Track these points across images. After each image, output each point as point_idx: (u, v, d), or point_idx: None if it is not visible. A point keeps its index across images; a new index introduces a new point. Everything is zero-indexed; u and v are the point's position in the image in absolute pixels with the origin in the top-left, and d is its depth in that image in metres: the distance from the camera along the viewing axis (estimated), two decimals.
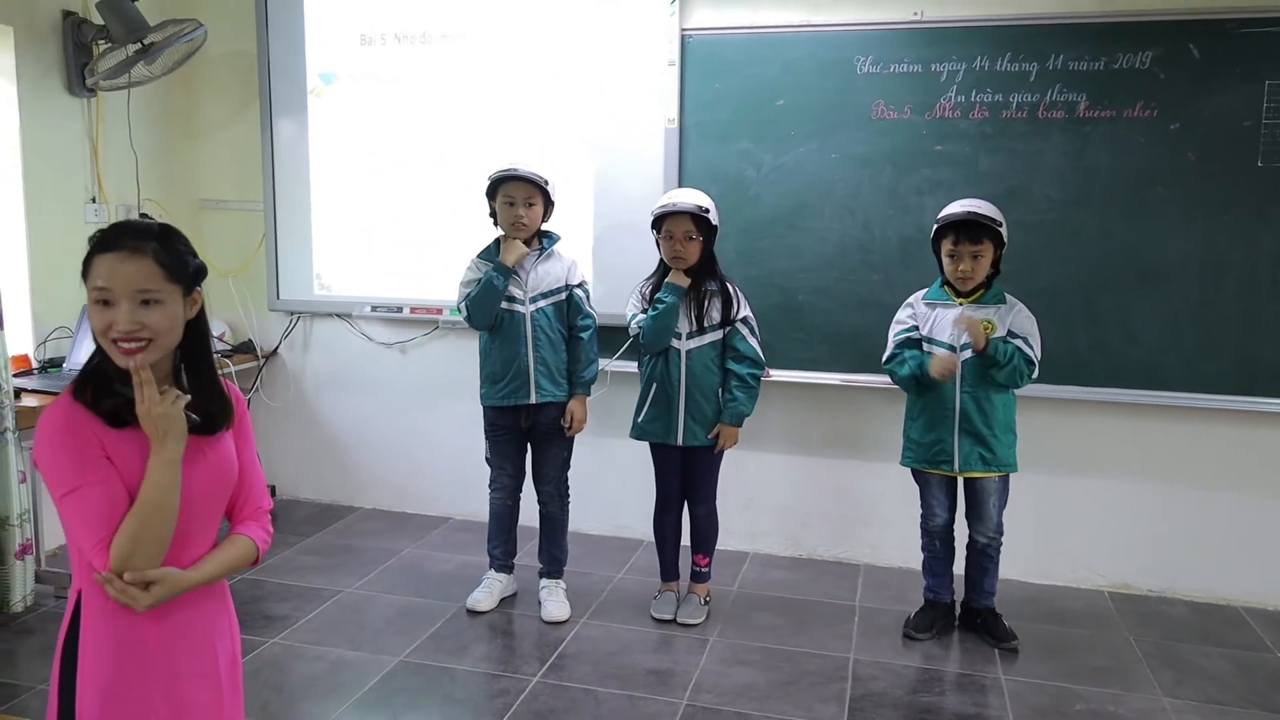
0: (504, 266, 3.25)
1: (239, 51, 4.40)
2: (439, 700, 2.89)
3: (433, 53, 4.15)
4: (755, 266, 3.83)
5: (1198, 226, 3.51)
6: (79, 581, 1.51)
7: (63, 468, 1.43)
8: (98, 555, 1.43)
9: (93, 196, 4.07)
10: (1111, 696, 2.98)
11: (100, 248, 1.49)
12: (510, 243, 3.28)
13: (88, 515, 1.43)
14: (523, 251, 3.28)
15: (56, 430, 1.45)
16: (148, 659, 1.53)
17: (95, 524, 1.43)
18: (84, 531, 1.44)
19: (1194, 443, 3.69)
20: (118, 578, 1.44)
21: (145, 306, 1.48)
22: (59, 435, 1.45)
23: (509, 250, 3.27)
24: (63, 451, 1.44)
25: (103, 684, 1.50)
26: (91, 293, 1.48)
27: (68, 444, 1.44)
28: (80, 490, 1.43)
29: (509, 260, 3.25)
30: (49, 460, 1.45)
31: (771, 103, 3.80)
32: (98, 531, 1.43)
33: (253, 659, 3.06)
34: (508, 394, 3.32)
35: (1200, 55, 3.44)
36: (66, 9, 3.89)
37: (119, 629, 1.50)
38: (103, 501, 1.44)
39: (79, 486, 1.43)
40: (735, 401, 3.30)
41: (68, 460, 1.43)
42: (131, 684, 1.52)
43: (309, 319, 4.53)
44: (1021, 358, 3.13)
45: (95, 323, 1.48)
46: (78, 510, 1.44)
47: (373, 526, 4.35)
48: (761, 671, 3.09)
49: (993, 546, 3.32)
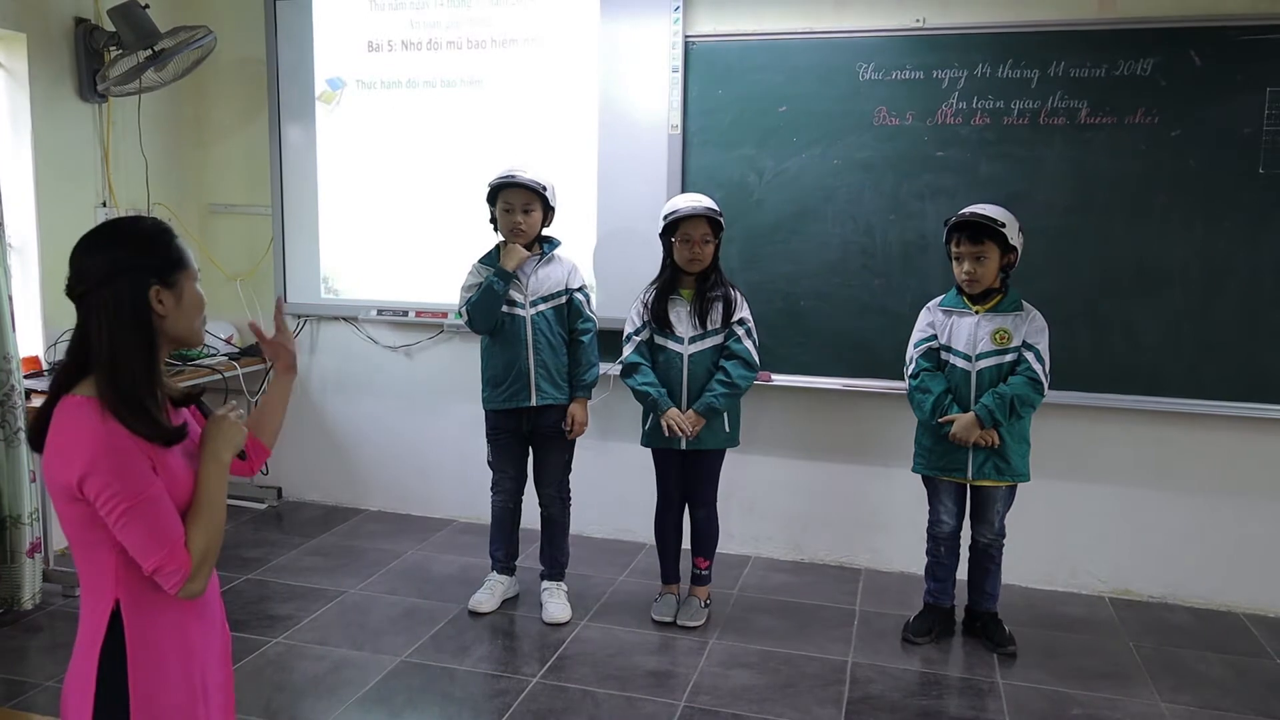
0: (504, 271, 3.28)
1: (248, 58, 4.45)
2: (438, 700, 2.92)
3: (440, 60, 4.20)
4: (757, 271, 3.86)
5: (1199, 233, 3.52)
6: (115, 590, 1.50)
7: (125, 483, 1.44)
8: (174, 557, 1.47)
9: (103, 201, 4.12)
10: (1109, 702, 2.98)
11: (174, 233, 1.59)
12: (510, 248, 3.31)
13: (162, 523, 1.47)
14: (523, 256, 3.31)
15: (106, 448, 1.44)
16: (191, 655, 1.58)
17: (169, 528, 1.48)
18: (156, 539, 1.46)
19: (1197, 449, 3.69)
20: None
21: None
22: (110, 453, 1.44)
23: (509, 255, 3.30)
24: (120, 468, 1.44)
25: (156, 683, 1.52)
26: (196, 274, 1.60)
27: (123, 460, 1.44)
28: (148, 502, 1.45)
29: (509, 265, 3.28)
30: (106, 476, 1.43)
31: (774, 109, 3.82)
32: (172, 534, 1.48)
33: (256, 658, 3.10)
34: (508, 397, 3.35)
35: (1201, 62, 3.45)
36: (79, 16, 3.95)
37: (168, 631, 1.54)
38: (169, 510, 1.49)
39: (147, 499, 1.45)
40: (711, 393, 3.29)
41: (128, 476, 1.44)
42: (180, 678, 1.56)
43: (316, 322, 4.58)
44: (1026, 389, 3.10)
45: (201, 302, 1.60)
46: (149, 520, 1.45)
47: (377, 529, 4.38)
48: (760, 674, 3.10)
49: (994, 547, 3.32)
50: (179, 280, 1.54)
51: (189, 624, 1.58)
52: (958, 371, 3.21)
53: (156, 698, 1.52)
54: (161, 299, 1.51)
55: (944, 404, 3.20)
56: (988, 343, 3.17)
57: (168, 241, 1.55)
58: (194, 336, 1.60)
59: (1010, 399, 3.11)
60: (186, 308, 1.56)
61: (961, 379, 3.20)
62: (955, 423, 3.16)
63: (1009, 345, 3.16)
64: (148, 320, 1.51)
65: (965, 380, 3.19)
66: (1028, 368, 3.13)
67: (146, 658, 1.52)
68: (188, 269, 1.56)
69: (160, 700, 1.53)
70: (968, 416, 3.15)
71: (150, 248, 1.53)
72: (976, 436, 3.15)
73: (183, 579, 1.48)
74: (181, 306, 1.55)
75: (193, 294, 1.57)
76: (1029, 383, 3.12)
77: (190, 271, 1.57)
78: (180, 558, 1.48)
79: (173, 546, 1.47)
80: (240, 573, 3.81)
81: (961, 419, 3.16)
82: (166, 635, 1.55)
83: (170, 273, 1.53)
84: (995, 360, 3.17)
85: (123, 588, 1.51)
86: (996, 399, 3.12)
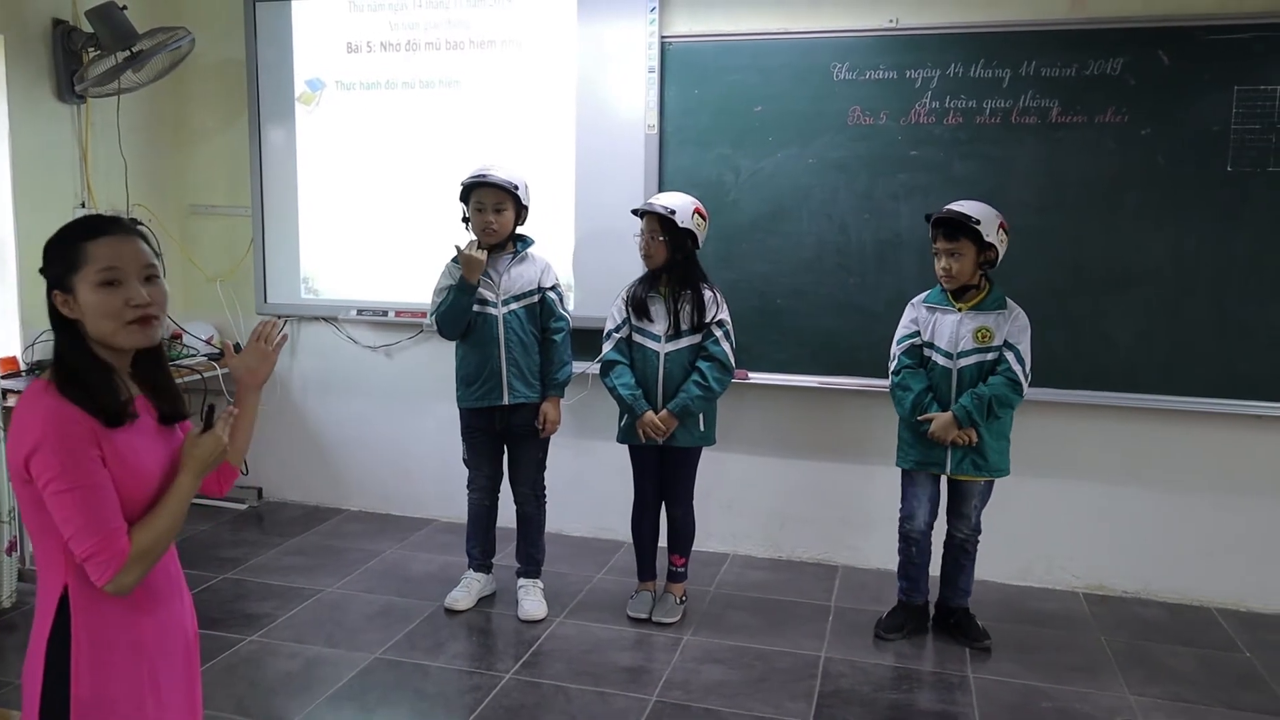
0: (466, 284, 3.27)
1: (228, 59, 4.47)
2: (410, 696, 2.93)
3: (419, 61, 4.21)
4: (734, 270, 3.88)
5: (1169, 230, 3.55)
6: (64, 577, 1.51)
7: (66, 464, 1.44)
8: (108, 547, 1.46)
9: (82, 201, 4.13)
10: (1078, 695, 3.00)
11: (93, 232, 1.53)
12: (468, 258, 3.25)
13: (100, 512, 1.46)
14: (480, 263, 3.26)
15: (53, 427, 1.45)
16: (140, 649, 1.57)
17: (107, 518, 1.47)
18: (92, 526, 1.46)
19: (1171, 445, 3.72)
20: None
21: (149, 282, 1.56)
22: (56, 432, 1.45)
23: (469, 267, 3.25)
24: (64, 449, 1.45)
25: (99, 674, 1.52)
26: (96, 275, 1.50)
27: (68, 442, 1.45)
28: (88, 488, 1.45)
29: (470, 277, 3.26)
30: (49, 455, 1.44)
31: (750, 109, 3.85)
32: (110, 524, 1.47)
33: (229, 655, 3.11)
34: (481, 396, 3.36)
35: (1170, 62, 3.48)
36: (57, 17, 3.96)
37: (116, 623, 1.54)
38: (110, 500, 1.48)
39: (88, 485, 1.45)
40: (686, 394, 3.30)
41: (71, 457, 1.45)
42: (126, 672, 1.55)
43: (296, 322, 4.59)
44: (1005, 390, 3.13)
45: (105, 306, 1.50)
46: (88, 506, 1.45)
47: (357, 528, 4.39)
48: (733, 669, 3.12)
49: (970, 543, 3.34)
50: (74, 285, 1.50)
51: (140, 618, 1.58)
52: (939, 369, 3.23)
53: (99, 688, 1.52)
54: (67, 304, 1.52)
55: (924, 402, 3.22)
56: (969, 341, 3.19)
57: (65, 246, 1.52)
58: (111, 340, 1.53)
59: (989, 399, 3.13)
60: (89, 313, 1.51)
61: (942, 376, 3.22)
62: (934, 422, 3.18)
63: (990, 344, 3.18)
64: (67, 322, 1.53)
65: (946, 378, 3.21)
66: (1008, 368, 3.15)
67: (90, 647, 1.52)
68: (80, 272, 1.50)
69: (103, 692, 1.52)
70: (945, 416, 3.17)
71: (50, 254, 1.54)
72: (954, 436, 3.17)
73: (114, 570, 1.47)
74: (85, 312, 1.51)
75: (91, 299, 1.50)
76: (1008, 383, 3.14)
77: (86, 274, 1.50)
78: (115, 547, 1.47)
79: (109, 535, 1.47)
80: (218, 572, 3.81)
81: (940, 418, 3.18)
82: (114, 627, 1.54)
83: (65, 279, 1.51)
84: (977, 358, 3.19)
85: (71, 574, 1.51)
86: (975, 399, 3.14)
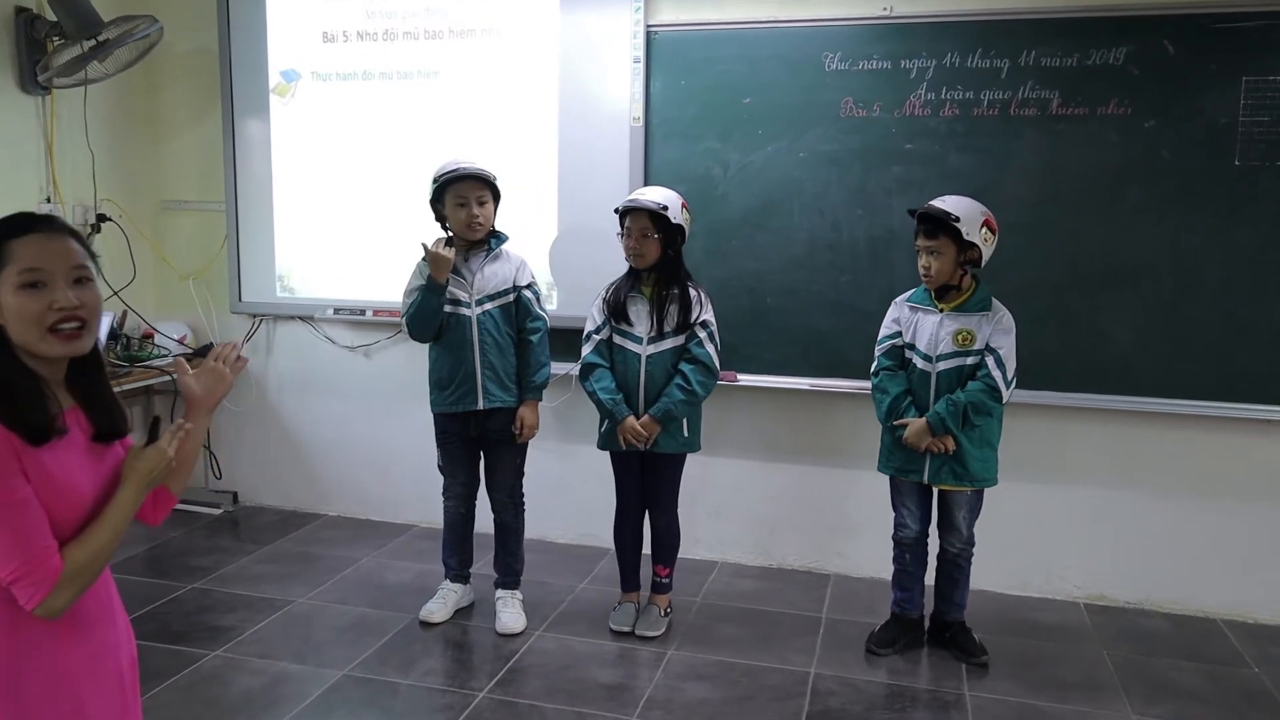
0: (435, 284, 3.12)
1: (200, 49, 4.32)
2: (378, 716, 2.79)
3: (396, 51, 4.07)
4: (722, 267, 3.74)
5: (1172, 226, 3.41)
6: None
7: None
8: (38, 568, 1.39)
9: (48, 196, 3.99)
10: (1079, 714, 2.87)
11: (16, 230, 1.44)
12: (436, 256, 3.09)
13: (25, 531, 1.39)
14: (449, 261, 3.10)
15: None
16: (61, 678, 1.48)
17: (33, 537, 1.39)
18: (16, 545, 1.38)
19: (1172, 449, 3.58)
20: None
21: (79, 285, 1.46)
22: None
23: (437, 265, 3.09)
24: None
25: (13, 705, 1.43)
26: (18, 277, 1.41)
27: None
28: (9, 505, 1.37)
29: (439, 276, 3.11)
30: None
31: (739, 101, 3.70)
32: (37, 543, 1.39)
33: (190, 673, 2.97)
34: (455, 400, 3.22)
35: (1176, 51, 3.34)
36: (20, 4, 3.81)
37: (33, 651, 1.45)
38: (36, 518, 1.40)
39: (9, 503, 1.37)
40: (669, 398, 3.16)
41: None
42: (43, 702, 1.46)
43: (271, 322, 4.44)
44: (982, 397, 2.98)
45: (26, 310, 1.41)
46: (9, 524, 1.38)
47: (334, 535, 4.25)
48: (718, 687, 2.98)
49: (963, 557, 3.21)
50: None
51: (64, 645, 1.48)
52: (918, 372, 3.10)
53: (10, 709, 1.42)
54: None
55: (900, 407, 3.09)
56: (949, 344, 3.05)
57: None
58: (34, 348, 1.44)
59: (964, 406, 2.99)
60: (10, 318, 1.42)
61: (921, 380, 3.09)
62: (907, 428, 3.05)
63: (971, 347, 3.03)
64: None
65: (925, 382, 3.08)
66: (987, 374, 3.01)
67: (6, 675, 1.42)
68: (1, 273, 1.41)
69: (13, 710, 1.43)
70: (919, 422, 3.04)
71: None
72: (929, 443, 3.03)
73: (45, 592, 1.39)
74: (6, 316, 1.43)
75: (12, 302, 1.41)
76: (986, 390, 2.99)
77: (8, 275, 1.41)
78: (46, 568, 1.39)
79: (37, 555, 1.39)
80: (186, 581, 3.67)
81: (913, 425, 3.05)
82: (34, 654, 1.44)
83: None
84: (956, 362, 3.05)
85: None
86: (950, 406, 3.00)
